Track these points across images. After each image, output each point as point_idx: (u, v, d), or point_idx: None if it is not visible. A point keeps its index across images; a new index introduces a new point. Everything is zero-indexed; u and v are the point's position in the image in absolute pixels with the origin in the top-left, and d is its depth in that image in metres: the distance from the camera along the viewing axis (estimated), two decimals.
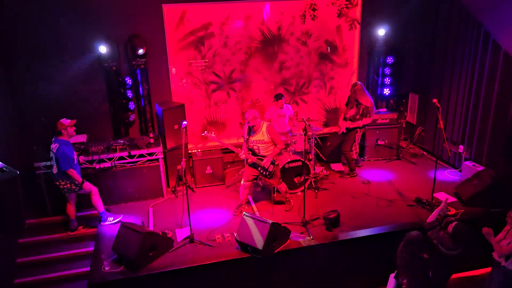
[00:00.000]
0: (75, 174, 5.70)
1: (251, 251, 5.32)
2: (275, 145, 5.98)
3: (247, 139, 6.02)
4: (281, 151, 6.20)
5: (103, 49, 6.71)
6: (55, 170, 5.71)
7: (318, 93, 8.32)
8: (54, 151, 5.62)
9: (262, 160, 6.00)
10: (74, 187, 5.78)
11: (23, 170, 6.24)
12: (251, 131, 5.97)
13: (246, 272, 5.44)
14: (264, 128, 5.91)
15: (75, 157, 5.80)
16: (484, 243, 4.77)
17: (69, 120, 5.68)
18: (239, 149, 6.18)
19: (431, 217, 4.88)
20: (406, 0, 7.99)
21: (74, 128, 5.74)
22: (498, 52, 6.42)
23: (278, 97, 7.03)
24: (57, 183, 5.76)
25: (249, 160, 6.11)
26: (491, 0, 6.57)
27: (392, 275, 4.47)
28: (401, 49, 8.20)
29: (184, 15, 7.25)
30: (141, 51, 6.90)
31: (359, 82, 7.13)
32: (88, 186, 5.88)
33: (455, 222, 4.38)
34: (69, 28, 6.62)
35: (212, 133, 6.00)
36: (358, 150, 7.75)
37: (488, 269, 5.04)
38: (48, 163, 6.07)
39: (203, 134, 6.04)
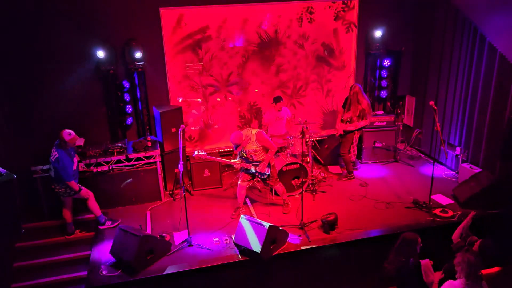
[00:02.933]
0: (73, 184, 5.70)
1: (249, 254, 5.32)
2: (267, 151, 5.99)
3: (240, 151, 6.03)
4: (276, 154, 6.21)
5: (100, 52, 6.70)
6: (53, 174, 5.70)
7: (315, 96, 8.34)
8: (53, 160, 5.60)
9: (257, 165, 6.01)
10: (69, 191, 5.77)
11: (20, 174, 6.22)
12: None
13: (244, 275, 5.43)
14: (253, 138, 5.92)
15: (75, 163, 5.79)
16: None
17: (71, 137, 5.61)
18: (233, 160, 6.18)
19: (455, 235, 4.88)
20: (403, 3, 8.04)
21: (74, 142, 5.73)
22: (494, 55, 6.46)
23: (276, 100, 7.05)
24: (53, 186, 5.76)
25: (243, 168, 6.12)
26: (487, 3, 6.62)
27: None
28: (398, 51, 8.24)
29: (181, 19, 7.26)
30: (138, 55, 6.90)
31: (357, 84, 7.15)
32: (85, 193, 5.86)
33: (480, 240, 4.38)
34: (66, 32, 6.63)
35: (202, 151, 5.98)
36: (356, 152, 7.76)
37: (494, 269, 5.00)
38: (46, 166, 6.06)
39: (193, 155, 6.02)
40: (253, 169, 6.05)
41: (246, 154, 6.00)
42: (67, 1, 6.56)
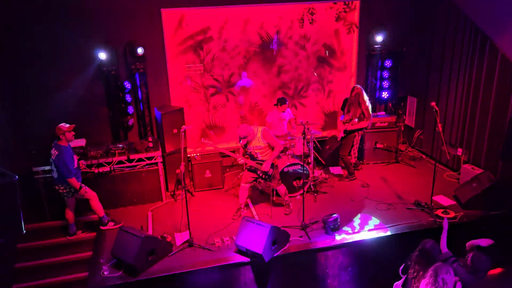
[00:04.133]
0: (74, 182, 5.69)
1: (251, 255, 5.31)
2: (273, 149, 5.99)
3: (244, 145, 6.02)
4: (279, 154, 6.22)
5: (102, 53, 6.71)
6: (55, 175, 5.70)
7: (316, 96, 8.34)
8: (54, 158, 5.60)
9: (261, 164, 6.01)
10: (73, 190, 5.77)
11: (22, 175, 6.22)
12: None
13: (245, 276, 5.43)
14: (259, 134, 5.92)
15: (75, 161, 5.79)
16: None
17: (67, 125, 5.65)
18: (237, 154, 6.19)
19: (443, 245, 4.78)
20: (404, 4, 8.03)
21: (73, 133, 5.71)
22: (496, 55, 6.45)
23: (282, 102, 7.05)
24: (56, 187, 5.76)
25: (247, 165, 6.11)
26: (489, 4, 6.61)
27: (397, 283, 4.46)
28: (399, 52, 8.23)
29: (182, 20, 7.27)
30: (140, 55, 6.91)
31: (359, 86, 7.14)
32: (84, 192, 5.85)
33: (472, 253, 4.37)
34: (68, 33, 6.63)
35: (209, 141, 6.00)
36: (357, 154, 7.75)
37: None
38: (47, 167, 6.06)
39: (201, 141, 6.03)
40: (257, 169, 6.04)
41: (251, 152, 6.00)
42: (68, 1, 6.57)
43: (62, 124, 5.67)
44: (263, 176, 6.10)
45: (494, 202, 6.13)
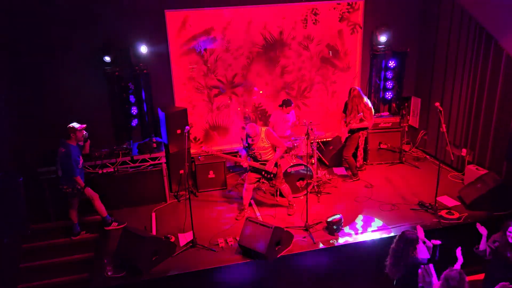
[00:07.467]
0: (79, 180, 5.73)
1: (254, 256, 5.32)
2: (276, 149, 5.99)
3: (247, 146, 6.03)
4: (283, 154, 6.22)
5: (105, 54, 6.73)
6: (61, 173, 5.73)
7: (320, 97, 8.32)
8: (61, 155, 5.64)
9: (265, 164, 6.01)
10: (76, 191, 5.79)
11: (27, 175, 6.27)
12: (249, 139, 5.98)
13: (249, 277, 5.43)
14: (263, 135, 5.92)
15: (81, 161, 5.82)
16: None
17: (79, 125, 5.73)
18: (240, 158, 6.19)
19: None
20: (408, 4, 8.01)
21: (83, 133, 5.78)
22: (500, 55, 6.42)
23: (287, 104, 7.00)
24: (61, 186, 5.79)
25: (251, 166, 6.12)
26: (493, 4, 6.58)
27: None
28: (403, 52, 8.20)
29: (186, 20, 7.28)
30: (143, 56, 6.93)
31: (356, 88, 7.13)
32: (89, 192, 5.88)
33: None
34: (71, 34, 6.68)
35: (210, 148, 6.00)
36: (363, 155, 7.72)
37: None
38: (52, 168, 6.09)
39: (201, 150, 6.02)
40: (261, 169, 6.04)
41: (254, 152, 6.00)
42: (72, 2, 6.60)
43: (74, 123, 5.73)
44: (267, 176, 6.10)
45: (499, 203, 6.09)
